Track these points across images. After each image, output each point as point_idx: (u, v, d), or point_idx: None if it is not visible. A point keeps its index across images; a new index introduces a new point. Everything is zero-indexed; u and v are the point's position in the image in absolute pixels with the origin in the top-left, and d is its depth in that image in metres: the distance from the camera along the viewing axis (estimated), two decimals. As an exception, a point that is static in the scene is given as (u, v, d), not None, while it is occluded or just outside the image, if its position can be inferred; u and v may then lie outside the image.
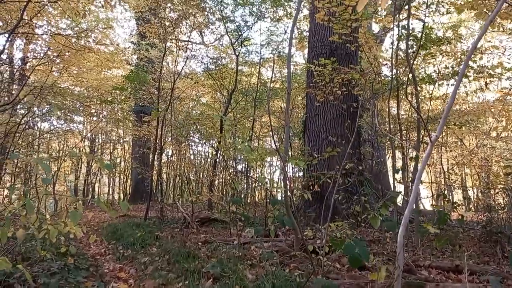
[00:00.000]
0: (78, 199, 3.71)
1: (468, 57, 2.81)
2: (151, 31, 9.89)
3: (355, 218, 6.26)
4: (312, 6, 8.21)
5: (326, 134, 7.82)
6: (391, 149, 8.01)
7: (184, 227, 7.39)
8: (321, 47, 8.21)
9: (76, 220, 3.39)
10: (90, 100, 12.40)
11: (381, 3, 2.11)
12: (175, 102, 11.96)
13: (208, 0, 11.02)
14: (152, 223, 8.12)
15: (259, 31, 18.20)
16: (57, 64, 9.84)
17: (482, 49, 6.83)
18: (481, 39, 3.99)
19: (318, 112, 8.01)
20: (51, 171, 8.79)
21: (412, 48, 6.35)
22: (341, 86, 7.27)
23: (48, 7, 7.98)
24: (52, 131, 13.02)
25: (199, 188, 11.28)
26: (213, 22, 11.50)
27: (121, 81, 11.68)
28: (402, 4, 6.10)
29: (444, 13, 6.65)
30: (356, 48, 7.67)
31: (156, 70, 11.04)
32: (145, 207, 9.50)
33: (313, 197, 6.41)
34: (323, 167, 7.59)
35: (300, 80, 12.42)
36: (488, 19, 2.87)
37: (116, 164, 16.88)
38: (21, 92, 7.01)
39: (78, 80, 11.68)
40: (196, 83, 12.53)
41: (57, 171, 12.65)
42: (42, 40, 9.18)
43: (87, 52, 9.04)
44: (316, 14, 6.45)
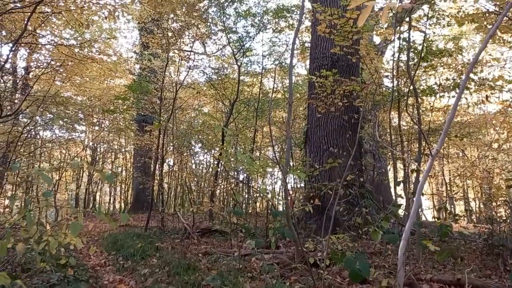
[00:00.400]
0: (78, 210, 3.72)
1: (469, 71, 2.83)
2: (153, 41, 9.97)
3: (356, 230, 6.24)
4: (313, 19, 8.27)
5: (328, 145, 7.82)
6: (392, 160, 8.01)
7: (185, 237, 7.36)
8: (322, 58, 8.25)
9: (76, 231, 3.39)
10: (92, 110, 12.45)
11: (382, 17, 2.13)
12: (177, 112, 12.01)
13: (211, 11, 11.14)
14: (153, 233, 8.10)
15: (261, 41, 18.36)
16: (60, 74, 9.90)
17: (483, 61, 6.86)
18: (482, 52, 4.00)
19: (319, 123, 8.02)
20: (52, 183, 8.78)
21: (413, 60, 6.39)
22: (342, 98, 7.29)
23: (52, 18, 8.06)
24: (54, 140, 13.06)
25: (200, 198, 11.26)
26: (215, 32, 11.58)
27: (124, 90, 11.74)
28: (403, 16, 6.15)
29: (444, 26, 6.69)
30: (357, 60, 7.71)
31: (159, 80, 11.10)
32: (146, 216, 9.49)
33: (314, 209, 6.40)
34: (324, 178, 7.58)
35: (302, 91, 12.46)
36: (488, 34, 2.89)
37: (118, 174, 16.89)
38: (24, 103, 7.03)
39: (81, 89, 11.75)
40: (198, 93, 12.58)
41: (58, 180, 12.65)
42: (46, 50, 9.25)
43: (90, 62, 9.09)
44: (318, 27, 6.50)
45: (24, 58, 11.00)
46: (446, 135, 2.78)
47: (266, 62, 20.19)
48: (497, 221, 6.30)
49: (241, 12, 10.85)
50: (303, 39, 13.34)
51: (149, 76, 11.73)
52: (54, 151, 14.88)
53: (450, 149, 11.55)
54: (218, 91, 11.63)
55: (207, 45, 13.21)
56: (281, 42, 12.35)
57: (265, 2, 10.94)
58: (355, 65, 8.18)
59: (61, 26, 9.03)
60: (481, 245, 6.32)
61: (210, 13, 10.92)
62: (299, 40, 12.48)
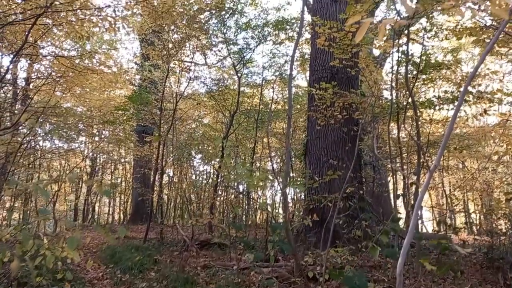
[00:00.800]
0: (75, 224, 3.71)
1: (466, 86, 2.84)
2: (154, 53, 10.02)
3: (356, 242, 6.20)
4: (313, 31, 8.32)
5: (327, 157, 7.82)
6: (391, 172, 7.99)
7: (184, 250, 7.32)
8: (322, 71, 8.29)
9: (73, 246, 3.37)
10: (92, 120, 12.47)
11: (379, 33, 2.14)
12: (177, 123, 12.03)
13: (211, 23, 11.20)
14: (152, 245, 8.05)
15: (262, 53, 18.44)
16: (61, 85, 9.93)
17: (481, 74, 6.89)
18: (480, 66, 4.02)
19: (319, 135, 8.03)
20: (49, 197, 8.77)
21: (412, 72, 6.41)
22: (342, 110, 7.31)
23: (53, 29, 8.11)
24: (53, 150, 13.05)
25: (200, 210, 11.23)
26: (216, 44, 11.64)
27: (124, 101, 11.77)
28: (402, 29, 6.18)
29: (443, 39, 6.73)
30: (357, 72, 7.74)
31: (159, 91, 11.14)
32: (145, 228, 9.44)
33: (314, 221, 6.37)
34: (324, 191, 7.55)
35: (302, 102, 12.48)
36: (485, 49, 2.90)
37: (117, 185, 16.85)
38: (23, 115, 7.05)
39: (81, 100, 11.78)
40: (198, 104, 12.61)
41: (57, 191, 12.62)
42: (46, 61, 9.31)
43: (90, 74, 9.13)
44: (317, 40, 6.54)
45: (24, 69, 11.06)
46: (444, 150, 2.78)
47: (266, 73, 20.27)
48: (497, 234, 6.28)
49: (242, 24, 10.94)
50: (303, 50, 13.42)
51: (149, 87, 11.77)
52: (53, 161, 14.87)
53: (450, 160, 11.54)
54: (218, 102, 11.66)
55: (208, 57, 13.30)
56: (281, 53, 12.42)
57: (265, 15, 11.02)
58: (355, 78, 8.21)
59: (62, 37, 9.09)
60: (481, 258, 6.28)
61: (210, 24, 10.99)
62: (299, 52, 12.55)
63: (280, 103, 13.53)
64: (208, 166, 13.99)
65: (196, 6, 9.67)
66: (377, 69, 8.34)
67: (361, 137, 8.26)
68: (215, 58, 12.56)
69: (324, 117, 7.45)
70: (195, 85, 13.68)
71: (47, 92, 10.17)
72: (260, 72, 15.87)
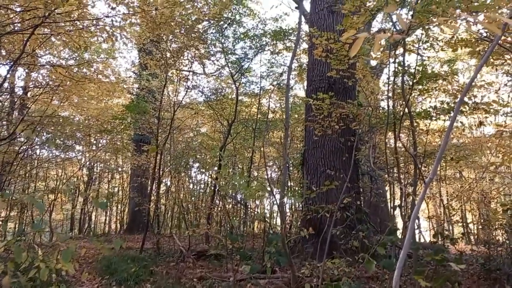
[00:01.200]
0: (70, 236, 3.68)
1: (461, 98, 2.85)
2: (151, 63, 10.05)
3: (353, 253, 6.18)
4: (310, 42, 8.37)
5: (325, 168, 7.82)
6: (388, 183, 7.99)
7: (180, 261, 7.27)
8: (319, 81, 8.32)
9: (67, 258, 3.35)
10: (89, 129, 12.46)
11: (374, 47, 2.16)
12: (175, 132, 12.02)
13: (209, 32, 11.26)
14: (148, 256, 8.00)
15: (260, 62, 18.47)
16: (58, 94, 9.94)
17: (477, 85, 6.92)
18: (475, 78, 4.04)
19: (316, 145, 8.03)
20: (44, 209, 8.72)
21: (408, 83, 6.44)
22: (339, 121, 7.32)
23: (51, 38, 8.13)
24: (50, 159, 13.02)
25: (197, 219, 11.18)
26: (214, 53, 11.69)
27: (121, 110, 11.77)
28: (398, 41, 6.22)
29: (438, 50, 6.77)
30: (354, 83, 7.77)
31: (157, 100, 11.14)
32: (142, 237, 9.38)
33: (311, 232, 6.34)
34: (321, 201, 7.54)
35: (300, 111, 12.51)
36: (480, 63, 2.92)
37: (114, 194, 16.78)
38: (19, 126, 7.04)
39: (79, 109, 11.78)
40: (196, 113, 12.62)
41: (53, 201, 12.57)
42: (44, 70, 9.32)
43: (87, 83, 9.14)
44: (314, 50, 6.57)
45: (22, 78, 11.07)
46: (439, 162, 2.79)
47: (264, 82, 20.33)
48: (494, 245, 6.27)
49: (240, 34, 10.99)
50: (301, 60, 13.50)
51: (147, 96, 11.78)
52: (50, 170, 14.81)
53: (447, 170, 11.55)
54: (216, 112, 11.67)
55: (206, 66, 13.34)
56: (279, 63, 12.45)
57: (263, 25, 11.08)
58: (352, 88, 8.24)
59: (60, 46, 9.12)
60: (478, 269, 6.27)
61: (209, 34, 11.04)
62: (297, 62, 12.61)
63: (278, 112, 13.56)
64: (205, 175, 13.98)
65: (195, 16, 9.72)
66: (374, 80, 8.39)
67: (359, 147, 8.28)
68: (213, 68, 12.62)
69: (322, 128, 7.46)
70: (193, 94, 13.70)
71: (45, 101, 10.17)
72: (258, 81, 15.94)
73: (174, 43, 10.66)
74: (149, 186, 10.57)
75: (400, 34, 2.97)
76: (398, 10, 6.21)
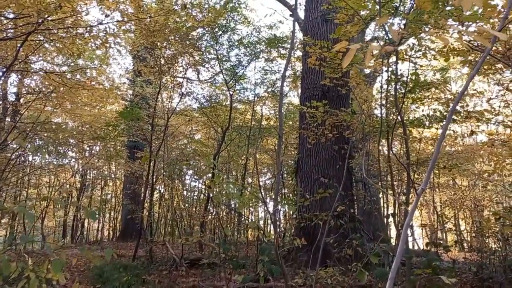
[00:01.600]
0: (61, 246, 3.65)
1: (452, 108, 2.87)
2: (145, 71, 10.03)
3: (347, 262, 6.17)
4: (304, 51, 8.41)
5: (318, 175, 7.82)
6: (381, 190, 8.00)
7: (173, 269, 7.22)
8: (313, 89, 8.34)
9: (58, 269, 3.31)
10: (82, 136, 12.39)
11: (366, 59, 2.16)
12: (169, 139, 11.98)
13: (204, 40, 11.28)
14: (141, 264, 7.94)
15: (254, 69, 18.56)
16: (51, 100, 9.88)
17: (469, 94, 6.98)
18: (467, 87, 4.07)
19: (310, 153, 8.04)
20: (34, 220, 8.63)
21: (401, 91, 6.47)
22: (333, 129, 7.34)
23: (45, 45, 8.10)
24: (43, 166, 12.92)
25: (191, 226, 11.12)
26: (208, 60, 11.70)
27: (115, 116, 11.72)
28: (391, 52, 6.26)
29: (431, 59, 6.82)
30: (347, 91, 7.80)
31: (151, 106, 11.11)
32: (135, 245, 9.31)
33: (305, 240, 6.31)
34: (315, 209, 7.54)
35: (295, 118, 12.53)
36: (471, 74, 2.95)
37: (107, 201, 16.67)
38: (10, 134, 6.99)
39: (72, 115, 11.72)
40: (190, 120, 12.60)
41: (45, 208, 12.46)
42: (38, 76, 9.27)
43: (81, 89, 9.10)
44: (308, 59, 6.60)
45: (15, 84, 11.01)
46: (431, 172, 2.79)
47: (258, 89, 20.37)
48: (486, 253, 6.29)
49: (234, 41, 11.03)
50: (295, 68, 13.55)
51: (141, 103, 11.74)
52: (43, 177, 14.69)
53: (441, 178, 11.60)
54: (210, 119, 11.66)
55: (200, 72, 13.35)
56: (273, 70, 12.49)
57: (257, 33, 11.13)
58: (345, 96, 8.27)
59: (54, 53, 9.08)
60: (471, 277, 6.27)
61: (203, 41, 11.06)
62: (291, 69, 12.67)
63: (272, 119, 13.58)
64: (199, 182, 13.94)
65: (189, 23, 9.74)
66: (368, 88, 8.42)
67: (352, 155, 8.30)
68: (207, 74, 12.63)
69: (315, 135, 7.47)
70: (187, 101, 13.69)
71: (38, 108, 10.11)
72: (252, 88, 15.98)
73: (168, 50, 10.67)
74: (143, 193, 10.50)
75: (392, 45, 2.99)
76: (391, 19, 6.26)
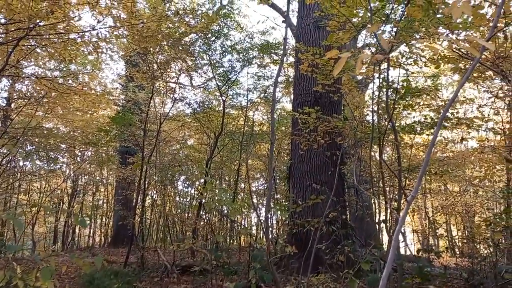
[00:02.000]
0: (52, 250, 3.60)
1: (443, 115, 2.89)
2: (138, 76, 10.01)
3: (339, 268, 6.17)
4: (296, 57, 8.44)
5: (311, 181, 7.83)
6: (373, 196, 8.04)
7: (165, 276, 7.17)
8: (305, 95, 8.37)
9: (47, 277, 3.27)
10: (74, 141, 12.30)
11: (356, 68, 2.19)
12: (161, 144, 11.94)
13: (197, 45, 11.28)
14: (132, 271, 7.87)
15: (247, 75, 18.60)
16: (43, 105, 9.81)
17: (460, 100, 7.05)
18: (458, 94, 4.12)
19: (302, 159, 8.05)
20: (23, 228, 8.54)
21: (393, 98, 6.53)
22: (325, 135, 7.36)
23: (36, 50, 8.06)
24: (34, 172, 12.80)
25: (183, 232, 11.06)
26: (201, 66, 11.69)
27: (107, 122, 11.66)
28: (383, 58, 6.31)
29: (422, 66, 6.89)
30: (339, 97, 7.84)
31: (143, 111, 11.07)
32: (126, 251, 9.23)
33: (297, 246, 6.32)
34: (307, 215, 7.54)
35: (287, 124, 12.55)
36: (461, 82, 2.98)
37: (99, 206, 16.54)
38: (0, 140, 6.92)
39: (63, 121, 11.64)
40: (182, 125, 12.57)
41: (36, 213, 12.34)
42: (29, 81, 9.20)
43: (72, 95, 9.05)
44: (300, 66, 6.63)
45: (5, 89, 10.92)
46: (421, 180, 2.81)
47: (251, 95, 20.39)
48: (477, 259, 6.33)
49: (227, 47, 11.05)
50: (288, 73, 13.60)
51: (133, 108, 11.70)
52: (33, 183, 14.55)
53: (432, 183, 11.67)
54: (202, 124, 11.64)
55: (193, 78, 13.34)
56: (266, 76, 12.52)
57: (250, 39, 11.16)
58: (338, 102, 8.31)
59: (46, 58, 9.03)
60: (462, 283, 6.31)
61: (196, 47, 11.06)
62: (284, 75, 12.71)
63: (265, 124, 13.60)
64: (191, 188, 13.88)
65: (182, 29, 9.74)
66: (360, 94, 8.48)
67: (344, 161, 8.33)
68: (200, 80, 12.60)
69: (307, 142, 7.49)
70: (180, 106, 13.65)
71: (29, 113, 10.03)
72: (245, 94, 16.02)
73: (161, 55, 10.65)
74: (134, 199, 10.43)
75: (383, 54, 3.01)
76: (382, 26, 6.32)
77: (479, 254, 6.54)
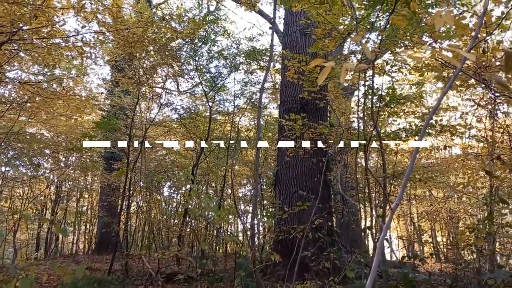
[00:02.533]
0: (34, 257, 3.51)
1: (426, 124, 2.92)
2: (123, 81, 9.93)
3: (325, 274, 6.17)
4: (283, 64, 8.47)
5: (297, 188, 7.83)
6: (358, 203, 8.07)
7: (149, 284, 7.07)
8: (292, 101, 8.40)
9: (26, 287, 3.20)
10: (58, 146, 12.11)
11: (341, 76, 2.18)
12: (147, 150, 11.83)
13: (183, 51, 11.25)
14: (116, 278, 7.74)
15: (234, 81, 18.62)
16: (26, 110, 9.65)
17: (444, 108, 7.16)
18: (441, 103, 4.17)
19: (288, 165, 8.06)
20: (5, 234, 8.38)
21: (378, 105, 6.59)
22: (311, 142, 7.39)
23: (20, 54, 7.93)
24: (17, 178, 12.56)
25: (168, 239, 10.94)
26: (188, 71, 11.65)
27: (92, 127, 11.52)
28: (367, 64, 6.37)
29: (406, 74, 6.98)
30: (325, 104, 7.89)
31: (128, 117, 10.96)
32: (110, 258, 9.10)
33: (283, 253, 6.31)
34: (293, 221, 7.53)
35: (274, 130, 12.57)
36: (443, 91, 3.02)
37: (83, 213, 16.29)
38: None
39: (47, 126, 11.46)
40: (168, 131, 12.49)
41: (18, 221, 12.08)
42: (12, 85, 9.04)
43: (56, 100, 8.92)
44: (287, 72, 6.66)
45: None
46: (405, 188, 2.83)
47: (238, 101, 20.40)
48: (461, 265, 6.39)
49: (214, 53, 11.04)
50: (275, 80, 13.64)
51: (118, 113, 11.58)
52: (16, 188, 14.27)
53: (417, 189, 11.79)
54: (189, 130, 11.58)
55: (180, 84, 13.27)
56: (253, 82, 12.53)
57: (237, 45, 11.18)
58: (323, 109, 8.36)
59: (30, 62, 8.89)
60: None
61: (182, 52, 11.02)
62: (271, 81, 12.76)
63: (252, 130, 13.59)
64: (177, 194, 13.77)
65: (168, 34, 9.70)
66: (346, 101, 8.53)
67: (330, 167, 8.36)
68: (187, 85, 12.53)
69: (294, 148, 7.51)
70: (166, 112, 13.56)
71: (11, 118, 9.85)
72: (232, 99, 16.00)
73: (147, 60, 10.58)
74: (119, 205, 10.30)
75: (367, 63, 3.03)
76: (367, 35, 6.39)
77: (463, 260, 6.62)
